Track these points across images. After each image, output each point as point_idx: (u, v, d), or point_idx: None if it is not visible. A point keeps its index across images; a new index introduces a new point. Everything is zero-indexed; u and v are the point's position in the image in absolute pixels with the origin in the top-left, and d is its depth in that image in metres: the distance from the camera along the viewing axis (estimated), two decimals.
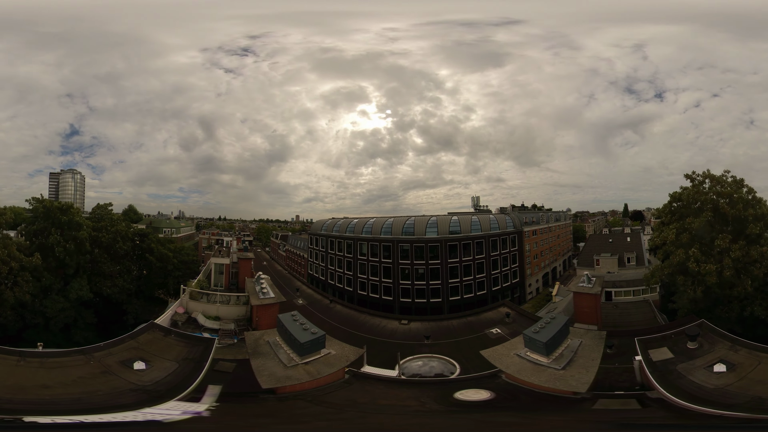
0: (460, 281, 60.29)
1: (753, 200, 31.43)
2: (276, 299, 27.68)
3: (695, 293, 29.79)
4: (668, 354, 19.51)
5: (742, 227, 30.81)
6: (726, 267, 28.94)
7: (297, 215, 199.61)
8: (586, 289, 26.63)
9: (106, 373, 17.78)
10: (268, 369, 19.61)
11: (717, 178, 32.78)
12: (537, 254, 75.00)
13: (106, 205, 53.47)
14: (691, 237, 31.51)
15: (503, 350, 21.55)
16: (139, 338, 21.63)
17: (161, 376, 17.94)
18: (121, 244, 49.07)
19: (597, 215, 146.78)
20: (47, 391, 15.83)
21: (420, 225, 62.57)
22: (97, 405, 14.96)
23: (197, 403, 16.23)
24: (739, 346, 19.05)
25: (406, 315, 42.96)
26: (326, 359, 20.49)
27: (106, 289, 45.30)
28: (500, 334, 29.96)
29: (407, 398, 18.47)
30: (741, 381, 16.49)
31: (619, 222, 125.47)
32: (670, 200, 34.60)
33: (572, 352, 20.38)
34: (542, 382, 18.26)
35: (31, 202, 45.22)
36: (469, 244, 61.81)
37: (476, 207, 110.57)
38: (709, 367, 17.71)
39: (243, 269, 40.66)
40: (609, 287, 45.07)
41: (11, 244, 38.40)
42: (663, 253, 34.63)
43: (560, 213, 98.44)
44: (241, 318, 30.35)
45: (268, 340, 22.66)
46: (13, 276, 36.91)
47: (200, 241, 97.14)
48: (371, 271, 64.16)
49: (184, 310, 30.85)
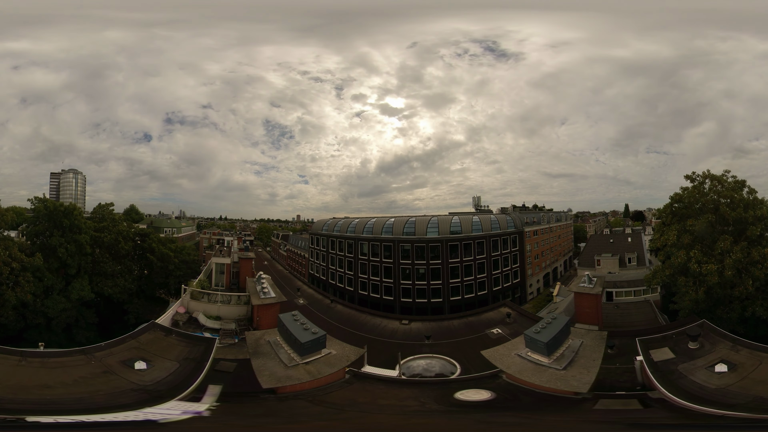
0: (460, 281, 60.28)
1: (754, 201, 31.36)
2: (277, 299, 27.69)
3: (697, 294, 29.74)
4: (669, 354, 19.49)
5: (743, 228, 30.77)
6: (727, 267, 28.89)
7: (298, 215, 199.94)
8: (587, 290, 26.59)
9: (108, 372, 17.80)
10: (268, 369, 19.62)
11: (717, 178, 32.71)
12: (538, 254, 74.96)
13: (107, 205, 53.51)
14: (693, 238, 31.46)
15: (504, 350, 21.53)
16: (140, 338, 21.64)
17: (162, 376, 17.95)
18: (123, 244, 49.17)
19: (598, 215, 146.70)
20: (49, 391, 15.85)
21: (421, 225, 62.56)
22: (99, 405, 14.97)
23: (198, 402, 16.24)
24: (740, 346, 19.02)
25: (406, 315, 42.96)
26: (327, 359, 20.49)
27: (107, 289, 45.39)
28: (501, 335, 29.94)
29: (407, 398, 18.46)
30: (742, 381, 16.47)
31: (619, 222, 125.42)
32: (670, 201, 34.52)
33: (573, 352, 20.35)
34: (543, 383, 18.23)
35: (32, 202, 45.31)
36: (470, 244, 61.79)
37: (477, 207, 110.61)
38: (710, 367, 17.69)
39: (244, 269, 40.68)
40: (610, 287, 45.06)
41: (13, 245, 38.49)
42: (664, 254, 34.58)
43: (561, 213, 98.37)
44: (242, 318, 30.36)
45: (268, 339, 22.66)
46: (15, 276, 36.98)
47: (201, 241, 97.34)
48: (372, 271, 64.16)
49: (185, 309, 30.87)
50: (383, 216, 70.67)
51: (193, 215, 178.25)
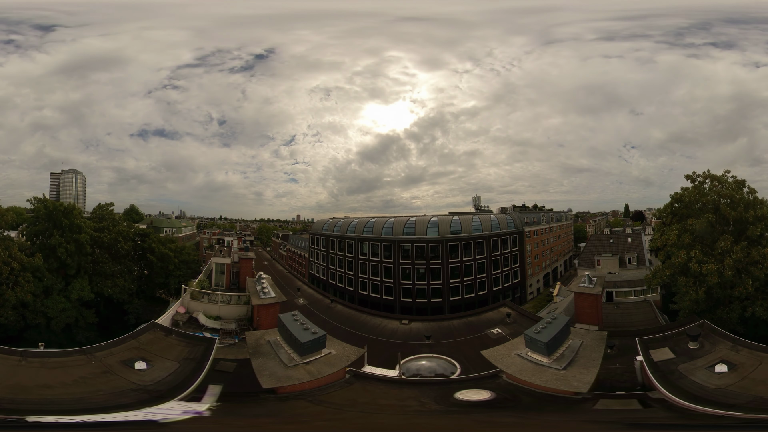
0: (461, 281, 60.31)
1: (754, 201, 31.39)
2: (277, 299, 27.69)
3: (697, 294, 29.73)
4: (669, 354, 19.48)
5: (743, 228, 30.78)
6: (727, 267, 28.90)
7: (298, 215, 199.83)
8: (587, 290, 26.59)
9: (108, 372, 17.79)
10: (268, 369, 19.61)
11: (718, 178, 32.73)
12: (538, 254, 74.99)
13: (107, 204, 53.49)
14: (693, 238, 31.47)
15: (504, 350, 21.51)
16: (140, 338, 21.63)
17: (162, 376, 17.94)
18: (123, 244, 49.19)
19: (598, 215, 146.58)
20: (49, 391, 15.84)
21: (421, 225, 62.59)
22: (99, 405, 14.97)
23: (198, 402, 16.24)
24: (741, 346, 19.01)
25: (406, 315, 42.94)
26: (327, 359, 20.48)
27: (107, 289, 45.41)
28: (501, 335, 29.94)
29: (407, 398, 18.45)
30: (742, 381, 16.46)
31: (620, 222, 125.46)
32: (671, 201, 34.54)
33: (573, 352, 20.34)
34: (543, 383, 18.23)
35: (32, 202, 45.31)
36: (470, 244, 61.82)
37: (477, 207, 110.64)
38: (710, 367, 17.68)
39: (244, 269, 40.72)
40: (610, 287, 45.09)
41: (13, 246, 38.51)
42: (664, 254, 34.58)
43: (561, 213, 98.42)
44: (242, 318, 30.36)
45: (268, 339, 22.65)
46: (15, 276, 37.00)
47: (201, 241, 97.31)
48: (372, 270, 64.19)
49: (185, 309, 30.89)
50: (383, 216, 70.79)
51: (193, 215, 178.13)
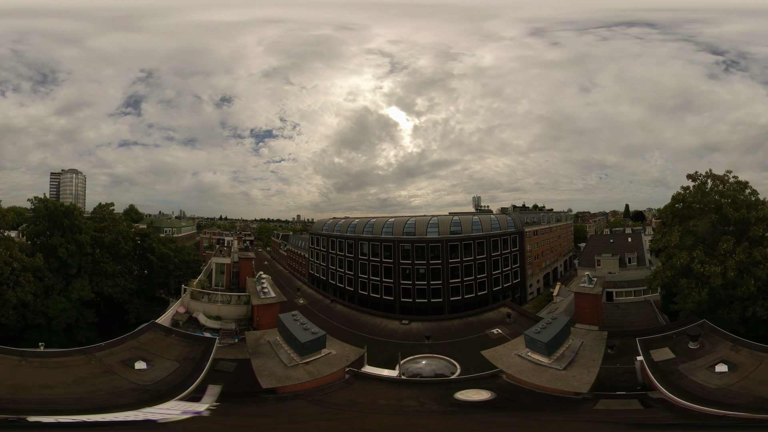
0: (461, 281, 60.30)
1: (756, 202, 31.32)
2: (277, 299, 27.70)
3: (700, 295, 29.60)
4: (670, 354, 19.47)
5: (744, 228, 30.72)
6: (729, 268, 28.83)
7: (298, 215, 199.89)
8: (587, 290, 26.60)
9: (108, 372, 17.79)
10: (268, 369, 19.62)
11: (720, 178, 32.60)
12: (538, 254, 74.97)
13: (107, 204, 53.44)
14: (695, 239, 31.37)
15: (504, 350, 21.51)
16: (140, 338, 21.63)
17: (162, 376, 17.94)
18: (123, 244, 49.15)
19: (598, 215, 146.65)
20: (49, 391, 15.84)
21: (421, 225, 62.59)
22: (99, 404, 14.97)
23: (198, 402, 16.24)
24: (741, 346, 19.00)
25: (406, 315, 42.92)
26: (327, 359, 20.48)
27: (107, 289, 45.36)
28: (501, 335, 29.92)
29: (407, 398, 18.44)
30: (743, 381, 16.45)
31: (620, 222, 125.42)
32: (672, 201, 34.40)
33: (573, 352, 20.34)
34: (543, 383, 18.22)
35: (33, 202, 45.30)
36: (470, 245, 61.81)
37: (477, 207, 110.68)
38: (710, 367, 17.67)
39: (244, 269, 40.72)
40: (610, 288, 45.07)
41: (13, 245, 38.51)
42: (665, 255, 34.44)
43: (561, 213, 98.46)
44: (242, 318, 30.37)
45: (268, 339, 22.66)
46: (15, 276, 37.00)
47: (201, 241, 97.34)
48: (372, 271, 64.19)
49: (185, 309, 30.90)
50: (383, 216, 70.84)
51: (194, 215, 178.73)
